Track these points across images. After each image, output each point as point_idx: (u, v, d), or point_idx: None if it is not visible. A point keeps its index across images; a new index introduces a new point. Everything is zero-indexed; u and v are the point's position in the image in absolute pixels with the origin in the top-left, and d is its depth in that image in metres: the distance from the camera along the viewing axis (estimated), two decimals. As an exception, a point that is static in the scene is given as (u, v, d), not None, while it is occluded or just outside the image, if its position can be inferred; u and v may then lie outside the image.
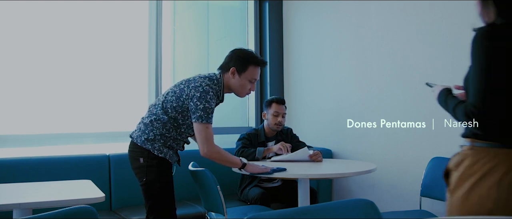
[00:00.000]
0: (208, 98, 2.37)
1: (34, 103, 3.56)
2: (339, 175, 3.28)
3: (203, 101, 2.36)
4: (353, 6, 3.76)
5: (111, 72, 3.88)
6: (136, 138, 2.47)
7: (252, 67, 2.52)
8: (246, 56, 2.53)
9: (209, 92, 2.39)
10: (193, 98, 2.37)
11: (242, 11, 4.68)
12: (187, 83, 2.45)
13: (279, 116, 3.38)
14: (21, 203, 1.86)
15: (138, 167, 2.46)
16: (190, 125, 2.48)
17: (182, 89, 2.44)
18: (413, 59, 3.27)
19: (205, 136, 2.38)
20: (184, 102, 2.42)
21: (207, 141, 2.38)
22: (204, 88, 2.39)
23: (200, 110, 2.35)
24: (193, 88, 2.40)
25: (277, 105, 3.40)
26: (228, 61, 2.53)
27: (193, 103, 2.37)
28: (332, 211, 1.40)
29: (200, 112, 2.35)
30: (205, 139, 2.38)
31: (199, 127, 2.37)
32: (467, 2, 2.91)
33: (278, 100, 3.43)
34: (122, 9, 3.97)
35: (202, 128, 2.37)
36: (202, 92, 2.37)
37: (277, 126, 3.39)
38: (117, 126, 3.76)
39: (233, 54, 2.55)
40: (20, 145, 3.54)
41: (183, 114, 2.44)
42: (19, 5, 3.48)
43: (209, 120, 2.38)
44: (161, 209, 2.46)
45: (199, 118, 2.36)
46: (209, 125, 2.39)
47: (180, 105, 2.42)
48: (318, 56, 4.15)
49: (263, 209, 3.11)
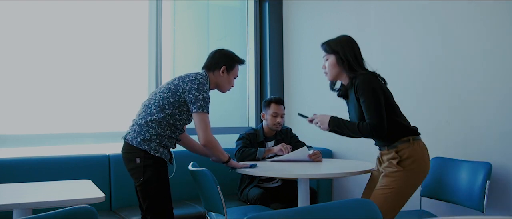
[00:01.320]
0: (205, 89, 2.54)
1: (34, 103, 3.56)
2: (339, 175, 3.28)
3: (202, 92, 2.51)
4: (353, 6, 3.76)
5: (111, 72, 3.88)
6: (131, 139, 2.49)
7: (237, 66, 2.76)
8: (232, 56, 2.76)
9: (204, 84, 2.55)
10: (191, 90, 2.50)
11: (242, 11, 4.68)
12: (181, 79, 2.58)
13: (278, 117, 3.39)
14: (21, 203, 1.86)
15: (134, 167, 2.48)
16: (185, 119, 2.59)
17: (178, 84, 2.55)
18: (412, 59, 3.27)
19: (206, 124, 2.52)
20: (181, 97, 2.52)
21: (207, 129, 2.52)
22: (199, 80, 2.54)
23: (200, 100, 2.49)
24: (189, 82, 2.53)
25: (276, 105, 3.40)
26: (218, 61, 2.70)
27: (192, 95, 2.49)
28: (332, 211, 1.40)
29: (200, 102, 2.49)
30: (206, 127, 2.52)
31: (200, 116, 2.50)
32: (466, 3, 2.92)
33: (277, 101, 3.43)
34: (122, 9, 3.97)
35: (203, 116, 2.50)
36: (199, 84, 2.52)
37: (276, 126, 3.39)
38: (117, 126, 3.75)
39: (220, 54, 2.74)
40: (20, 145, 3.54)
41: (180, 109, 2.54)
42: (19, 5, 3.48)
43: (208, 109, 2.53)
44: (158, 208, 2.47)
45: (200, 107, 2.48)
46: (208, 114, 2.53)
47: (177, 100, 2.52)
48: (318, 56, 4.13)
49: (263, 209, 3.11)
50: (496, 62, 2.76)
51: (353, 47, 2.43)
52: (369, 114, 2.27)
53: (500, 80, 2.74)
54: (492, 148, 2.76)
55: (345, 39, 2.46)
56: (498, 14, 2.75)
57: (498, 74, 2.75)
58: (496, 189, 2.69)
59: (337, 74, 2.46)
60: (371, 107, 2.27)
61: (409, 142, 2.34)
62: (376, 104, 2.27)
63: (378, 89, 2.31)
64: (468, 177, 2.70)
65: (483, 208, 2.55)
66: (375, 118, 2.26)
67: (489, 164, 2.61)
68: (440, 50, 3.08)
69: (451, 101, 3.01)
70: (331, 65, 2.45)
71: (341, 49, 2.41)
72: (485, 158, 2.72)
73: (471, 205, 2.65)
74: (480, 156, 2.76)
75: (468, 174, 2.71)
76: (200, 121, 2.50)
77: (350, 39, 2.47)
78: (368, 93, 2.28)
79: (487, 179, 2.57)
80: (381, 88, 2.35)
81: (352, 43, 2.45)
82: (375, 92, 2.29)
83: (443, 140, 3.04)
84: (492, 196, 2.66)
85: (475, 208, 2.62)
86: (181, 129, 2.63)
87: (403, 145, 2.34)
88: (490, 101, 2.79)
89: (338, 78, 2.50)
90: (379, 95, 2.30)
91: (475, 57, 2.87)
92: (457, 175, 2.79)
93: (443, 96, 3.06)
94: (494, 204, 2.69)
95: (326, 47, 2.48)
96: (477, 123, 2.85)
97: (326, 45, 2.49)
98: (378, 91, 2.31)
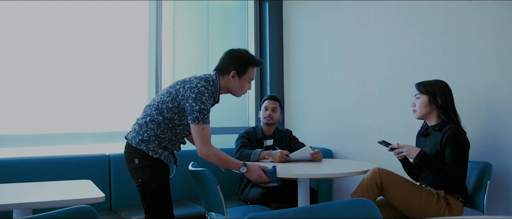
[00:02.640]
0: (203, 99, 2.36)
1: (34, 103, 3.56)
2: (339, 175, 3.27)
3: (199, 103, 2.35)
4: (353, 6, 3.76)
5: (111, 72, 3.88)
6: (131, 139, 2.47)
7: (251, 69, 2.53)
8: (245, 58, 2.52)
9: (204, 93, 2.37)
10: (188, 100, 2.36)
11: (242, 11, 4.68)
12: (182, 84, 2.44)
13: (268, 110, 3.47)
14: (21, 203, 1.86)
15: (133, 168, 2.46)
16: (186, 125, 2.48)
17: (178, 90, 2.43)
18: (413, 59, 3.27)
19: (201, 137, 2.37)
20: (180, 103, 2.41)
21: (203, 142, 2.38)
22: (199, 89, 2.37)
23: (196, 111, 2.34)
24: (188, 89, 2.39)
25: (268, 100, 3.51)
26: (228, 64, 2.50)
27: (189, 104, 2.36)
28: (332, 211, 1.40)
29: (196, 113, 2.34)
30: (202, 140, 2.37)
31: (195, 128, 2.37)
32: (466, 3, 2.92)
33: (269, 97, 3.55)
34: (122, 9, 3.96)
35: (198, 129, 2.36)
36: (197, 94, 2.36)
37: (266, 119, 3.46)
38: (117, 126, 3.75)
39: (231, 56, 2.52)
40: (20, 145, 3.54)
41: (180, 115, 2.44)
42: (19, 5, 3.48)
43: (205, 120, 2.37)
44: (157, 209, 2.46)
45: (195, 119, 2.35)
46: (206, 125, 2.37)
47: (176, 106, 2.42)
48: (318, 56, 4.15)
49: (263, 209, 3.11)
50: (496, 62, 2.76)
51: (450, 93, 2.60)
52: (458, 165, 2.47)
53: (500, 80, 2.74)
54: (492, 148, 2.76)
55: (443, 85, 2.63)
56: (498, 14, 2.75)
57: (498, 74, 2.75)
58: (496, 189, 2.68)
59: (426, 114, 2.62)
60: (460, 160, 2.47)
61: (458, 199, 2.52)
62: (465, 159, 2.50)
63: (467, 145, 2.52)
64: (468, 177, 2.70)
65: (483, 208, 2.55)
66: (461, 170, 2.48)
67: (489, 164, 2.62)
68: (440, 50, 3.07)
69: (451, 101, 3.01)
70: (422, 104, 2.62)
71: (438, 92, 2.58)
72: (485, 158, 2.72)
73: (471, 205, 2.65)
74: (480, 156, 2.76)
75: (468, 174, 2.71)
76: (195, 133, 2.37)
77: (447, 85, 2.63)
78: (460, 147, 2.48)
79: (487, 179, 2.57)
80: (469, 145, 2.54)
81: (449, 90, 2.62)
82: (466, 147, 2.50)
83: (443, 140, 3.04)
84: (492, 196, 2.65)
85: (475, 208, 2.62)
86: (184, 132, 2.53)
87: (452, 197, 2.51)
88: (490, 101, 2.79)
89: (425, 118, 2.67)
90: (467, 151, 2.51)
91: (476, 57, 2.86)
92: (457, 175, 2.79)
93: (443, 96, 3.06)
94: (494, 204, 2.69)
95: (421, 88, 2.63)
96: (477, 123, 2.85)
97: (421, 86, 2.64)
98: (467, 148, 2.52)
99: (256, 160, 3.07)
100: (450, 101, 2.59)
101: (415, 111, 2.66)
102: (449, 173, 2.45)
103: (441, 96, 2.57)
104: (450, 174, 2.45)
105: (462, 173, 2.49)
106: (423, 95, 2.61)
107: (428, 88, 2.61)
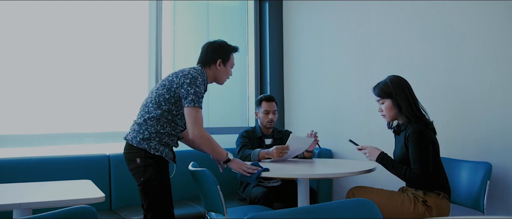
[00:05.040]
0: (197, 83, 2.48)
1: (34, 103, 3.56)
2: (339, 175, 3.28)
3: (194, 86, 2.46)
4: (353, 6, 3.76)
5: (111, 72, 3.88)
6: (132, 139, 2.49)
7: (232, 55, 2.73)
8: (225, 46, 2.72)
9: (198, 78, 2.50)
10: (183, 85, 2.47)
11: (242, 11, 4.68)
12: (174, 75, 2.56)
13: (270, 113, 3.42)
14: (21, 203, 1.86)
15: (135, 167, 2.48)
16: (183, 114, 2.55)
17: (171, 80, 2.53)
18: (413, 59, 3.27)
19: (195, 119, 2.45)
20: (175, 92, 2.50)
21: (197, 124, 2.46)
22: (192, 75, 2.50)
23: (192, 94, 2.44)
24: (182, 76, 2.50)
25: (267, 103, 3.45)
26: (212, 54, 2.66)
27: (184, 89, 2.46)
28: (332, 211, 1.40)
29: (191, 96, 2.44)
30: (195, 121, 2.45)
31: (190, 110, 2.45)
32: (466, 2, 2.92)
33: (267, 98, 3.48)
34: (122, 9, 3.96)
35: (193, 111, 2.45)
36: (191, 79, 2.48)
37: (269, 123, 3.43)
38: (117, 126, 3.75)
39: (213, 47, 2.69)
40: (20, 145, 3.54)
41: (177, 104, 2.52)
42: (19, 5, 3.48)
43: (200, 103, 2.47)
44: (158, 207, 2.47)
45: (191, 101, 2.44)
46: (200, 109, 2.47)
47: (172, 96, 2.50)
48: (318, 56, 4.15)
49: (263, 209, 3.11)
50: (496, 62, 2.76)
51: (408, 88, 2.56)
52: (416, 165, 2.43)
53: (500, 80, 2.74)
54: (492, 148, 2.76)
55: (398, 82, 2.58)
56: (499, 14, 2.75)
57: (498, 74, 2.75)
58: (496, 189, 2.69)
59: (395, 115, 2.61)
60: (420, 159, 2.43)
61: (439, 196, 2.47)
62: (425, 157, 2.43)
63: (428, 142, 2.46)
64: (468, 177, 2.70)
65: (483, 208, 2.55)
66: (420, 170, 2.42)
67: (489, 164, 2.61)
68: (440, 50, 3.07)
69: (451, 101, 3.01)
70: (388, 109, 2.60)
71: (398, 92, 2.54)
72: (485, 158, 2.72)
73: (471, 205, 2.65)
74: (480, 156, 2.76)
75: (468, 174, 2.71)
76: (190, 115, 2.45)
77: (402, 80, 2.58)
78: (419, 145, 2.44)
79: (487, 179, 2.57)
80: (431, 140, 2.49)
81: (405, 84, 2.57)
82: (426, 145, 2.44)
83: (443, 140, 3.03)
84: (492, 196, 2.65)
85: (475, 208, 2.62)
86: (182, 125, 2.61)
87: (432, 195, 2.47)
88: (490, 101, 2.79)
89: (396, 119, 2.65)
90: (429, 148, 2.45)
91: (476, 57, 2.86)
92: (457, 175, 2.79)
93: (443, 97, 3.06)
94: (494, 204, 2.69)
95: (380, 92, 2.60)
96: (477, 123, 2.85)
97: (378, 90, 2.61)
98: (429, 145, 2.46)
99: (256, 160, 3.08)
100: (411, 97, 2.53)
101: (384, 115, 2.64)
102: (407, 172, 2.45)
103: (401, 95, 2.53)
104: (408, 173, 2.44)
105: (425, 171, 2.42)
106: (386, 99, 2.59)
107: (386, 90, 2.57)
